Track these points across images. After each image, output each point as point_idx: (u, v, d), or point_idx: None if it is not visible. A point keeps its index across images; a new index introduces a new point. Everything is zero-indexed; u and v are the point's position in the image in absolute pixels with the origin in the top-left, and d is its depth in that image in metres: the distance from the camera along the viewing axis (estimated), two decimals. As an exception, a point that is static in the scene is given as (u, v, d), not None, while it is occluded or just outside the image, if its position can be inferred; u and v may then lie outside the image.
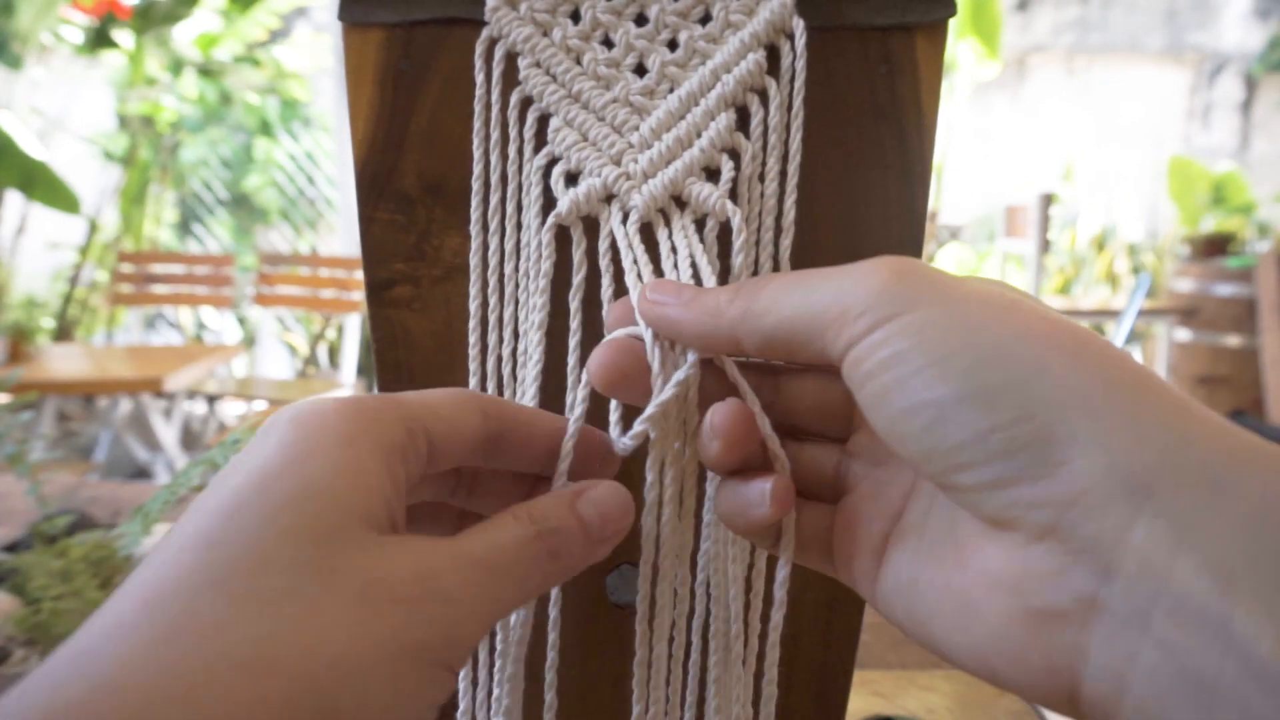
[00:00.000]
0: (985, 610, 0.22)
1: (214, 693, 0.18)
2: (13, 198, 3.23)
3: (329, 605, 0.20)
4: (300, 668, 0.19)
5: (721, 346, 0.26)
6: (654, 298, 0.27)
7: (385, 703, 0.20)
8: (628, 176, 0.31)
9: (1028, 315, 0.22)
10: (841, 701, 0.37)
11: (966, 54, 3.48)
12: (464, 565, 0.23)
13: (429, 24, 0.31)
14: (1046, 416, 0.20)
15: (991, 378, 0.21)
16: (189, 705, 0.18)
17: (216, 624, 0.19)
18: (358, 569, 0.21)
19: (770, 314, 0.25)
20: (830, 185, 0.32)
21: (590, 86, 0.31)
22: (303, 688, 0.19)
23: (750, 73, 0.30)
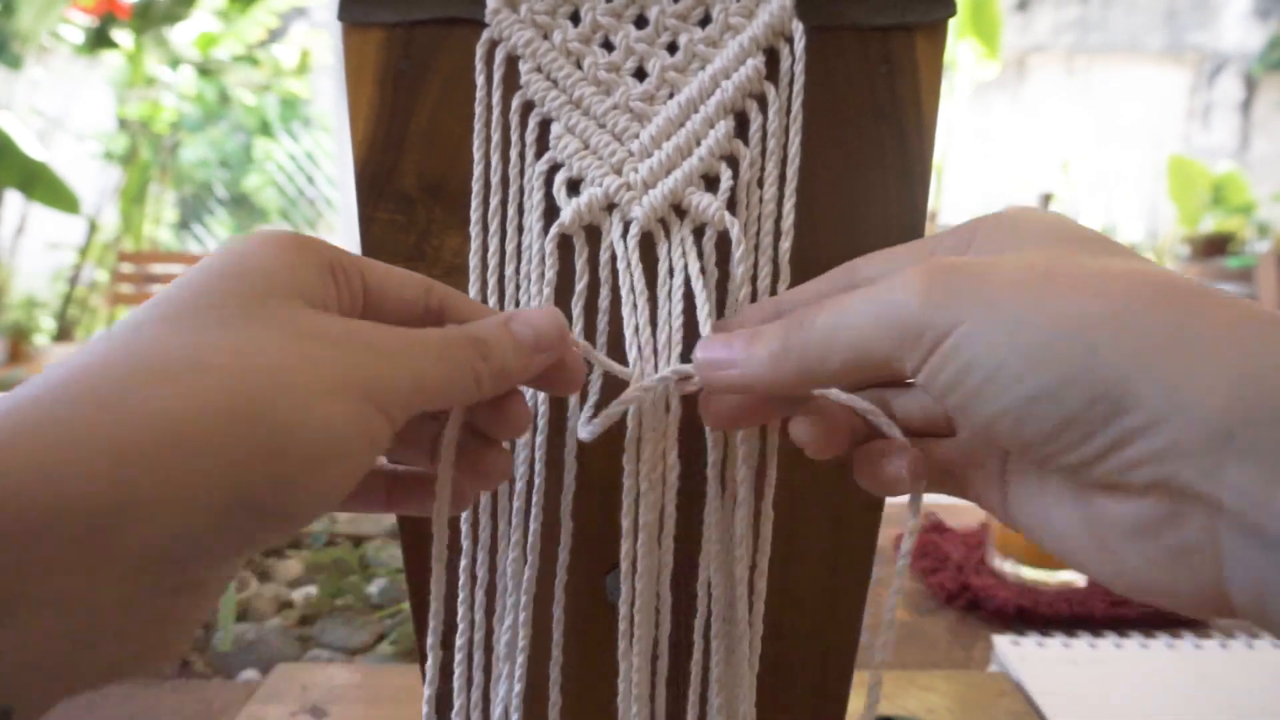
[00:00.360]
0: (1121, 551, 0.23)
1: (157, 389, 0.19)
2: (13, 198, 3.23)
3: (264, 335, 0.21)
4: (238, 375, 0.20)
5: (791, 390, 0.27)
6: (707, 359, 0.27)
7: (320, 420, 0.21)
8: (629, 187, 0.31)
9: (1066, 288, 0.22)
10: (841, 701, 0.37)
11: (966, 54, 3.48)
12: (395, 334, 0.24)
13: (429, 24, 0.31)
14: (1112, 392, 0.21)
15: (1048, 376, 0.21)
16: (127, 398, 0.18)
17: (156, 338, 0.20)
18: (293, 318, 0.22)
19: (829, 358, 0.25)
20: (830, 186, 0.32)
21: (591, 92, 0.31)
22: (241, 392, 0.20)
23: (749, 79, 0.30)
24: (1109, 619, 0.67)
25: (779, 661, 0.35)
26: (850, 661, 0.36)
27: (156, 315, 0.21)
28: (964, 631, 0.67)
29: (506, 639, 0.33)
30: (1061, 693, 0.57)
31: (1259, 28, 4.44)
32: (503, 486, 0.33)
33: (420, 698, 0.36)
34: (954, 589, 0.71)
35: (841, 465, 0.34)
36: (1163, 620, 0.68)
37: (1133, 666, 0.61)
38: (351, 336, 0.23)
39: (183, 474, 0.18)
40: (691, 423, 0.32)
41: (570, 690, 0.34)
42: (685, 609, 0.34)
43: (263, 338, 0.21)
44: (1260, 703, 0.57)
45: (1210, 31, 4.49)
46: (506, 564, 0.33)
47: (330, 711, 0.54)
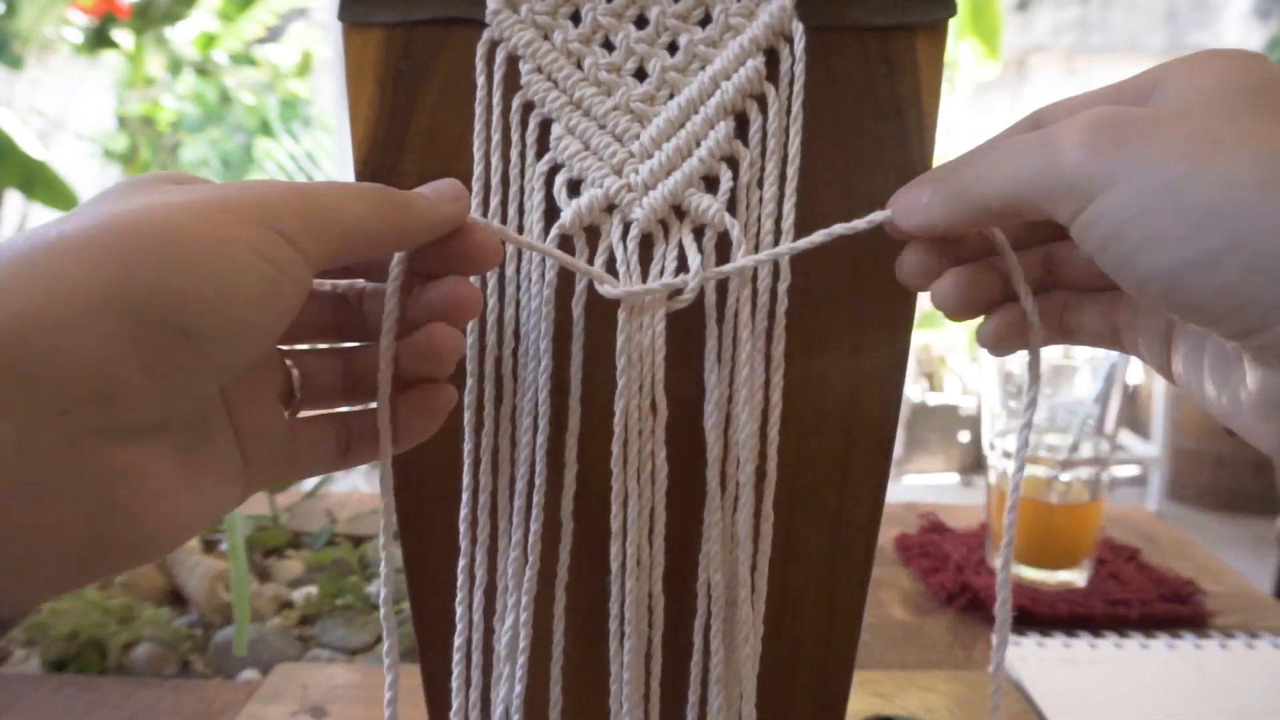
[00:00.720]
0: (1273, 424, 0.23)
1: (49, 229, 0.19)
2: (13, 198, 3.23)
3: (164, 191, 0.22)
4: (129, 209, 0.20)
5: (962, 229, 0.28)
6: (903, 203, 0.28)
7: (211, 231, 0.21)
8: (629, 188, 0.31)
9: (1234, 153, 0.21)
10: (841, 701, 0.37)
11: (966, 54, 3.48)
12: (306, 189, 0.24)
13: (429, 24, 0.31)
14: (1271, 265, 0.20)
15: (1209, 242, 0.21)
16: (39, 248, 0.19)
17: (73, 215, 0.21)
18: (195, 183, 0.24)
19: (989, 199, 0.25)
20: (830, 186, 0.32)
21: (592, 93, 0.31)
22: (127, 212, 0.20)
23: (749, 80, 0.30)
24: (1109, 619, 0.67)
25: (779, 661, 0.35)
26: (850, 661, 0.36)
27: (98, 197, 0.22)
28: (964, 631, 0.67)
29: (507, 639, 0.33)
30: (1061, 693, 0.57)
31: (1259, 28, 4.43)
32: (503, 486, 0.33)
33: (420, 698, 0.36)
34: (954, 589, 0.71)
35: (842, 465, 0.34)
36: (1163, 620, 0.68)
37: (1133, 666, 0.61)
38: (257, 183, 0.23)
39: (64, 269, 0.19)
40: (691, 422, 0.32)
41: (571, 690, 0.34)
42: (683, 609, 0.34)
43: (187, 192, 0.22)
44: (1260, 703, 0.57)
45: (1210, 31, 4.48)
46: (507, 563, 0.33)
47: (330, 711, 0.54)
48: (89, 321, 0.18)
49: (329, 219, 0.24)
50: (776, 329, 0.32)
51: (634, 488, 0.32)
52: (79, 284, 0.19)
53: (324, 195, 0.24)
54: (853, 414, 0.34)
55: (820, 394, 0.33)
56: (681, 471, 0.33)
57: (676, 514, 0.33)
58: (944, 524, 0.83)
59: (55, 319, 0.18)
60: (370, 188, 0.26)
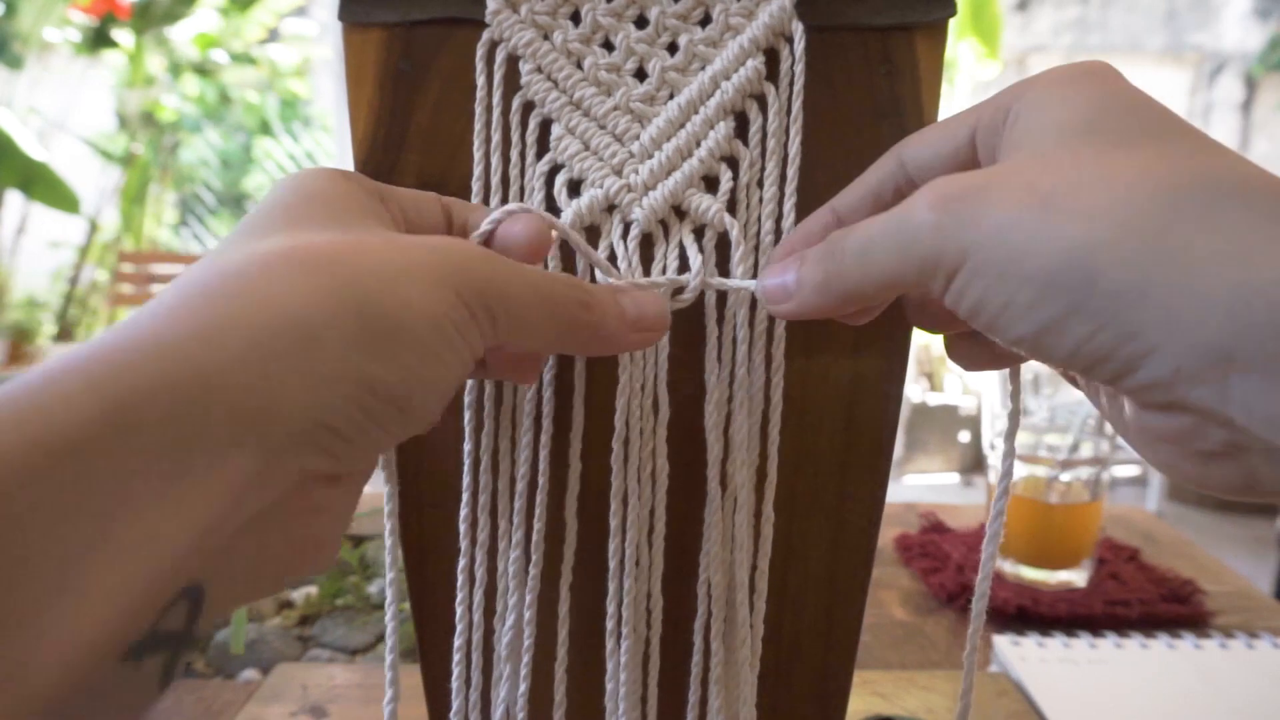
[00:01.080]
0: (1160, 450, 0.24)
1: (277, 285, 0.20)
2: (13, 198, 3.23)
3: (361, 234, 0.23)
4: (342, 265, 0.21)
5: (844, 312, 0.28)
6: (767, 292, 0.28)
7: (419, 310, 0.22)
8: (629, 188, 0.31)
9: (1067, 212, 0.22)
10: (841, 701, 0.37)
11: (966, 54, 3.48)
12: (496, 259, 0.25)
13: (429, 24, 0.31)
14: (1113, 321, 0.21)
15: (1054, 308, 0.22)
16: (245, 287, 0.20)
17: (264, 246, 0.22)
18: (380, 225, 0.25)
19: (864, 285, 0.26)
20: (830, 186, 0.32)
21: (592, 93, 0.31)
22: (349, 284, 0.21)
23: (749, 80, 0.30)
24: (1109, 619, 0.67)
25: (779, 662, 0.35)
26: (850, 661, 0.36)
27: (253, 229, 0.23)
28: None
29: (509, 639, 0.33)
30: (1061, 693, 0.57)
31: (1259, 28, 4.43)
32: (503, 486, 0.33)
33: (421, 698, 0.36)
34: (954, 589, 0.71)
35: (842, 465, 0.34)
36: (1163, 620, 0.68)
37: (1133, 666, 0.61)
38: (450, 242, 0.24)
39: (311, 364, 0.20)
40: (692, 422, 0.32)
41: (572, 691, 0.34)
42: (682, 609, 0.34)
43: (362, 237, 0.23)
44: (1260, 703, 0.57)
45: (1210, 31, 4.48)
46: (508, 564, 0.33)
47: (330, 711, 0.54)
48: (329, 388, 0.20)
49: (512, 309, 0.24)
50: (777, 329, 0.32)
51: (634, 487, 0.32)
52: (320, 364, 0.20)
53: (519, 282, 0.24)
54: (852, 414, 0.34)
55: (820, 394, 0.33)
56: (681, 471, 0.33)
57: (676, 514, 0.33)
58: (944, 524, 0.83)
59: (296, 385, 0.20)
60: (568, 287, 0.26)
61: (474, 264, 0.23)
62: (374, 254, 0.22)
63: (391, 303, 0.21)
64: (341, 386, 0.20)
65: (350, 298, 0.21)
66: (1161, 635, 0.65)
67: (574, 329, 0.26)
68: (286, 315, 0.20)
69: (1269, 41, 4.43)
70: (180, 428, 0.18)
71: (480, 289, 0.23)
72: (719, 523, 0.32)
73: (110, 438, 0.17)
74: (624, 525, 0.32)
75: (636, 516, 0.32)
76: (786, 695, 0.36)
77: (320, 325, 0.20)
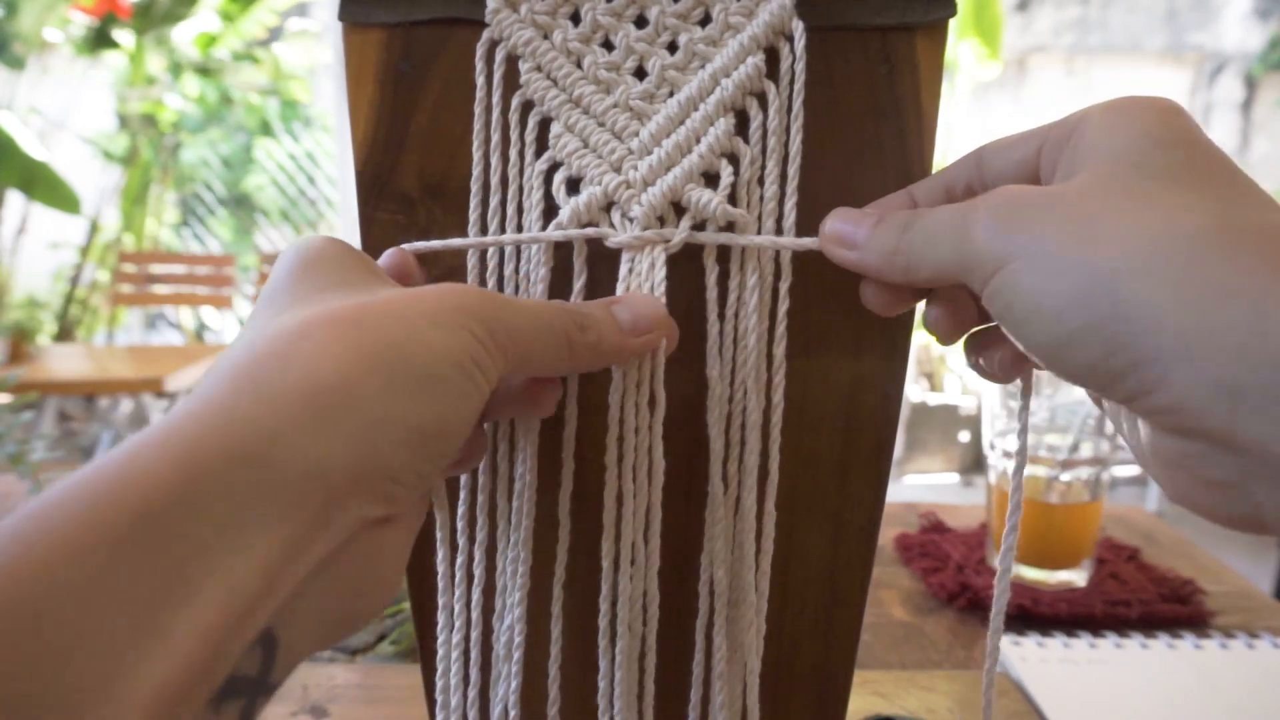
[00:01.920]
0: (1170, 473, 0.25)
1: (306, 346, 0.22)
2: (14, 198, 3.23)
3: (369, 292, 0.25)
4: (365, 324, 0.23)
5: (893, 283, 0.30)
6: (834, 232, 0.30)
7: (441, 353, 0.23)
8: (628, 185, 0.31)
9: (1107, 236, 0.23)
10: (841, 701, 0.37)
11: (967, 54, 3.48)
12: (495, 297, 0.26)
13: (429, 24, 0.31)
14: (1130, 345, 0.22)
15: (1074, 322, 0.23)
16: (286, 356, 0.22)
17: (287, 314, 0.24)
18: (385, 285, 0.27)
19: (921, 268, 0.28)
20: (830, 186, 0.32)
21: (591, 91, 0.31)
22: (372, 337, 0.23)
23: (749, 77, 0.30)
24: (1109, 619, 0.67)
25: (779, 661, 0.35)
26: (850, 661, 0.36)
27: (273, 303, 0.25)
28: (964, 631, 0.67)
29: (505, 639, 0.33)
30: (1061, 693, 0.57)
31: (1259, 28, 4.43)
32: (501, 485, 0.33)
33: (421, 698, 0.36)
34: (954, 589, 0.71)
35: (842, 465, 0.34)
36: (1163, 620, 0.68)
37: (1133, 666, 0.61)
38: (459, 290, 0.25)
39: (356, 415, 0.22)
40: (694, 420, 0.32)
41: (570, 689, 0.34)
42: (681, 609, 0.34)
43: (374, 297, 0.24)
44: (1260, 703, 0.57)
45: (1210, 31, 4.48)
46: (505, 563, 0.33)
47: (330, 711, 0.54)
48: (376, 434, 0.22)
49: (518, 339, 0.26)
50: (778, 328, 0.32)
51: (629, 486, 0.32)
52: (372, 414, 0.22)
53: (519, 315, 0.26)
54: (853, 414, 0.34)
55: (820, 394, 0.33)
56: (681, 470, 0.33)
57: (676, 513, 0.33)
58: (944, 524, 0.83)
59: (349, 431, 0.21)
60: (560, 314, 0.27)
61: (479, 304, 0.25)
62: (391, 309, 0.24)
63: (416, 350, 0.23)
64: (386, 431, 0.22)
65: (380, 352, 0.22)
66: (1162, 635, 0.65)
67: (575, 351, 0.27)
68: (327, 376, 0.21)
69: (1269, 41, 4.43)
70: (249, 485, 0.19)
71: (489, 326, 0.25)
72: (721, 521, 0.32)
73: (186, 500, 0.19)
74: (618, 523, 0.32)
75: (633, 515, 0.32)
76: (786, 695, 0.36)
77: (358, 381, 0.22)
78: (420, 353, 0.23)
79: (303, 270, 0.26)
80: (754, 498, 0.32)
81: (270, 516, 0.20)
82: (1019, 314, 0.25)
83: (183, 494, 0.19)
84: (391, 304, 0.24)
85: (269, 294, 0.25)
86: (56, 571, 0.17)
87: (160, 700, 0.17)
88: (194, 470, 0.19)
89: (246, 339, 0.23)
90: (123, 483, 0.18)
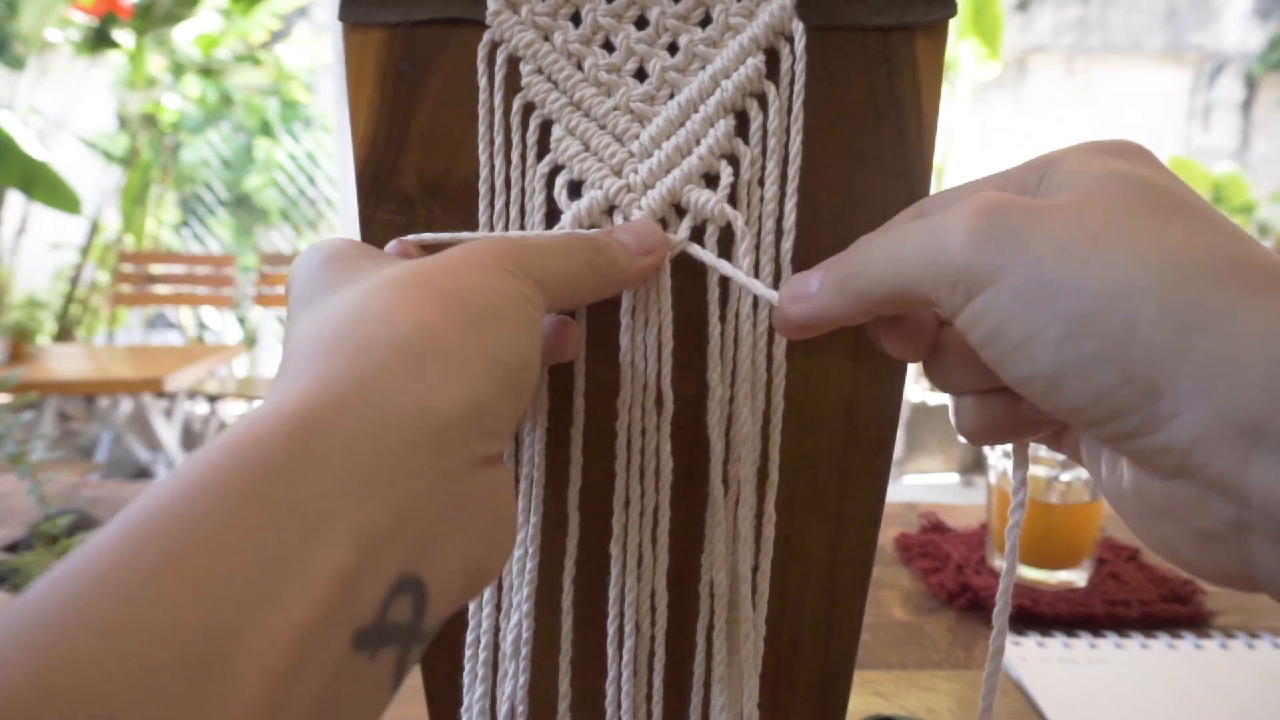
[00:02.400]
0: (1155, 525, 0.23)
1: (376, 307, 0.23)
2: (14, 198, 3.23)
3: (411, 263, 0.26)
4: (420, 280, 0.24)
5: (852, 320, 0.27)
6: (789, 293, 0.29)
7: (499, 291, 0.25)
8: (629, 188, 0.31)
9: (1116, 256, 0.21)
10: (841, 701, 0.37)
11: (967, 54, 3.48)
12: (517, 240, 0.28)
13: (430, 24, 0.31)
14: (1146, 374, 0.20)
15: (1084, 348, 0.21)
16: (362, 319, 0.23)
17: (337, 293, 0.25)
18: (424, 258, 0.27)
19: (875, 290, 0.25)
20: (830, 186, 0.32)
21: (592, 94, 0.31)
22: (432, 289, 0.24)
23: (749, 78, 0.30)
24: (1109, 619, 0.67)
25: (779, 661, 0.35)
26: (850, 661, 0.36)
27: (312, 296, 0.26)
28: (964, 631, 0.67)
29: (513, 637, 0.33)
30: (1061, 693, 0.57)
31: (1259, 28, 4.43)
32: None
33: (421, 698, 0.36)
34: (954, 589, 0.71)
35: (842, 465, 0.34)
36: (1163, 620, 0.68)
37: (1133, 666, 0.61)
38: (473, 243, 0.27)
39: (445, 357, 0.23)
40: (694, 421, 0.32)
41: (578, 688, 0.34)
42: (683, 609, 0.34)
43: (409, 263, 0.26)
44: (1260, 703, 0.57)
45: (1210, 31, 4.48)
46: (512, 561, 0.33)
47: (331, 711, 0.54)
48: (468, 370, 0.23)
49: (548, 271, 0.27)
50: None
51: (636, 486, 0.32)
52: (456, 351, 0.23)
53: (542, 250, 0.27)
54: (853, 414, 0.34)
55: (820, 394, 0.33)
56: (681, 471, 0.33)
57: (677, 514, 0.33)
58: (944, 524, 0.83)
59: (443, 371, 0.22)
60: (576, 241, 0.29)
61: (505, 248, 0.26)
62: (438, 266, 0.25)
63: (476, 293, 0.24)
64: (474, 366, 0.23)
65: (446, 298, 0.24)
66: (1162, 635, 0.65)
67: (597, 272, 0.28)
68: (407, 327, 0.23)
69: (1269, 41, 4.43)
70: (360, 434, 0.20)
71: (522, 264, 0.26)
72: (722, 522, 0.32)
73: (303, 455, 0.19)
74: (625, 524, 0.32)
75: (639, 515, 0.32)
76: (786, 695, 0.36)
77: (436, 323, 0.23)
78: (479, 295, 0.24)
79: (330, 263, 0.27)
80: (754, 498, 0.32)
81: (384, 458, 0.20)
82: (1009, 340, 0.22)
83: (300, 449, 0.19)
84: (433, 264, 0.25)
85: (304, 293, 0.26)
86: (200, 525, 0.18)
87: (304, 632, 0.18)
88: (306, 429, 0.20)
89: (307, 330, 0.24)
90: (241, 449, 0.19)
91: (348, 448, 0.20)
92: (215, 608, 0.17)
